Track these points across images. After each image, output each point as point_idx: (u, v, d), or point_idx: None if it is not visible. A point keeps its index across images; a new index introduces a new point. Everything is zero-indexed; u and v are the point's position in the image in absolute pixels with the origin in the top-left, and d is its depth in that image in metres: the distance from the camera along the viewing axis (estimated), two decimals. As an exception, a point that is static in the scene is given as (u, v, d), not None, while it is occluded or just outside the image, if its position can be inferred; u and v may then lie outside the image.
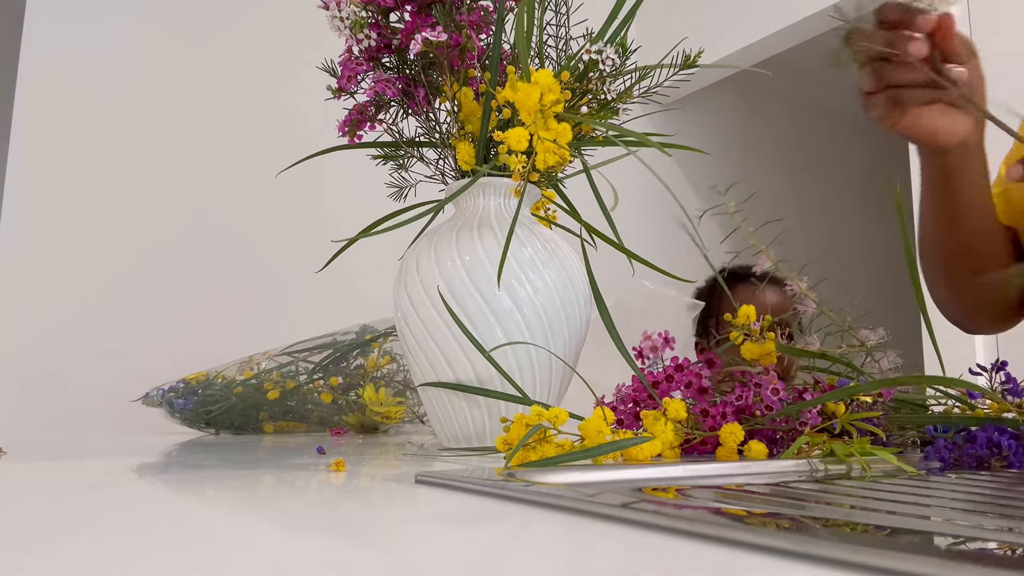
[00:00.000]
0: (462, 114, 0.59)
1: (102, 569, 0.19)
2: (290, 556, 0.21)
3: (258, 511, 0.31)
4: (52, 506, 0.31)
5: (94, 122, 1.50)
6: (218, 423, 0.96)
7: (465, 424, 0.57)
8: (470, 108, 0.59)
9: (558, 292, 0.57)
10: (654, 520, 0.24)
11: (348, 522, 0.28)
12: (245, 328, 1.34)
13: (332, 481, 0.39)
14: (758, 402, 0.47)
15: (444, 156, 0.62)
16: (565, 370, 0.59)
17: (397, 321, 0.60)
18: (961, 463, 0.41)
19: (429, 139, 0.62)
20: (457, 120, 0.59)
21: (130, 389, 1.01)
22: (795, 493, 0.33)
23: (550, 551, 0.23)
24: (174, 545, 0.23)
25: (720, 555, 0.20)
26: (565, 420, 0.40)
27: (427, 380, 0.58)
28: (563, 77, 0.54)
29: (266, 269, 1.55)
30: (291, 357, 0.98)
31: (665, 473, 0.38)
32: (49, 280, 1.43)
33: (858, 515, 0.26)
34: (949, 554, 0.20)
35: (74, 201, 1.47)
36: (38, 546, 0.22)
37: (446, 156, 0.62)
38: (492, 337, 0.55)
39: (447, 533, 0.26)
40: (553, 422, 0.39)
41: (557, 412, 0.40)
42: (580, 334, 0.60)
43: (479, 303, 0.55)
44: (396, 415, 0.94)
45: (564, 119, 0.51)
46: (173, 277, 1.48)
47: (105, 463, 0.53)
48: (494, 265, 0.54)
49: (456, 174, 0.62)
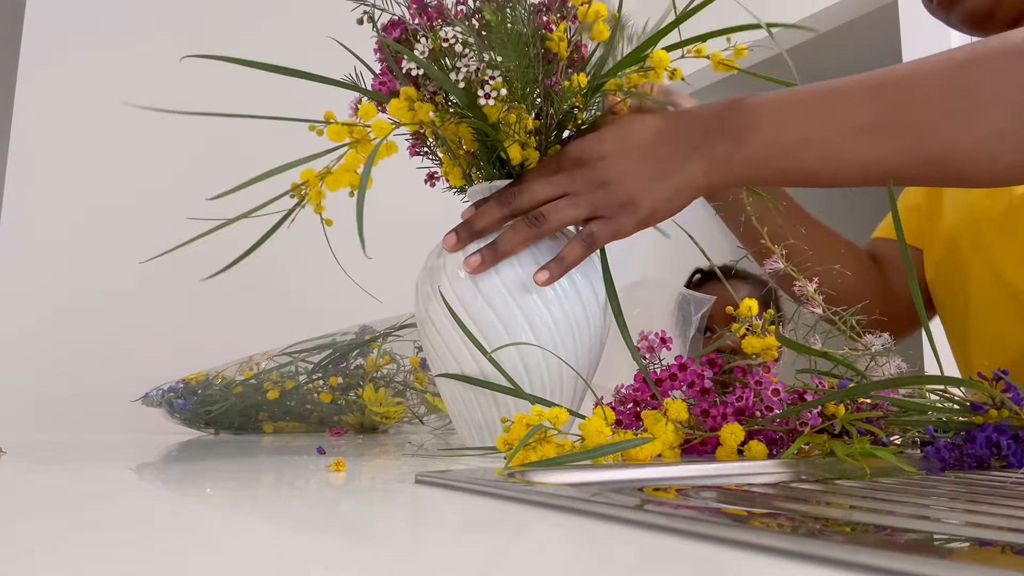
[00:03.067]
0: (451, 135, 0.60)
1: (102, 569, 0.19)
2: (290, 556, 0.21)
3: (258, 511, 0.31)
4: (52, 506, 0.31)
5: (94, 122, 1.50)
6: (218, 423, 0.96)
7: (491, 420, 0.57)
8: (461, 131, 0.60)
9: (576, 302, 0.57)
10: (655, 520, 0.24)
11: (348, 522, 0.28)
12: (245, 328, 1.34)
13: (332, 481, 0.39)
14: (758, 402, 0.47)
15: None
16: (584, 372, 0.58)
17: (418, 315, 0.59)
18: (961, 463, 0.41)
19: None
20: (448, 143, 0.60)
21: (130, 389, 1.01)
22: (795, 493, 0.33)
23: (551, 551, 0.23)
24: (174, 545, 0.23)
25: (721, 555, 0.20)
26: (565, 420, 0.40)
27: (450, 371, 0.57)
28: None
29: (266, 269, 1.55)
30: (291, 357, 0.98)
31: (666, 473, 0.38)
32: (49, 280, 1.43)
33: (858, 515, 0.26)
34: (949, 554, 0.20)
35: (74, 201, 1.47)
36: (38, 546, 0.22)
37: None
38: (502, 339, 0.54)
39: (447, 533, 0.26)
40: (553, 422, 0.39)
41: (557, 412, 0.40)
42: (600, 340, 0.59)
43: (486, 312, 0.55)
44: (395, 415, 0.94)
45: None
46: (173, 277, 1.48)
47: (105, 463, 0.53)
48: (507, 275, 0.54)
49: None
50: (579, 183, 0.53)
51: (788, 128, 0.51)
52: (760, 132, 0.51)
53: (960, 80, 0.48)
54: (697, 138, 0.52)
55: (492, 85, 0.52)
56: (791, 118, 0.51)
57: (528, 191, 0.54)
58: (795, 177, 0.52)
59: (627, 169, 0.53)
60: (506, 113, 0.54)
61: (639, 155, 0.53)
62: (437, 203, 0.76)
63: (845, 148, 0.50)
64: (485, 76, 0.52)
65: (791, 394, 0.47)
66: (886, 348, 0.50)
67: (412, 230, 1.18)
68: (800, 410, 0.44)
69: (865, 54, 3.04)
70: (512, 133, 0.55)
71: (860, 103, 0.50)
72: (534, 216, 0.53)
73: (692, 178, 0.53)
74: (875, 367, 0.50)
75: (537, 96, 0.55)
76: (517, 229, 0.54)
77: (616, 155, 0.53)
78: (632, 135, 0.54)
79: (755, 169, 0.52)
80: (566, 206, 0.53)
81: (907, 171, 0.50)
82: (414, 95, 0.54)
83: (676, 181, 0.53)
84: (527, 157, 0.56)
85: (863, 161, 0.50)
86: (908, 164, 0.50)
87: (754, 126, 0.51)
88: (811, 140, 0.51)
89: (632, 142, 0.53)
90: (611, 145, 0.54)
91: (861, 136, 0.50)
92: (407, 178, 0.74)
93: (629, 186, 0.53)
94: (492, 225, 0.55)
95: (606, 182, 0.53)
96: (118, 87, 1.53)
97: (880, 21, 2.27)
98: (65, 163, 1.48)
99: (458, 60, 0.53)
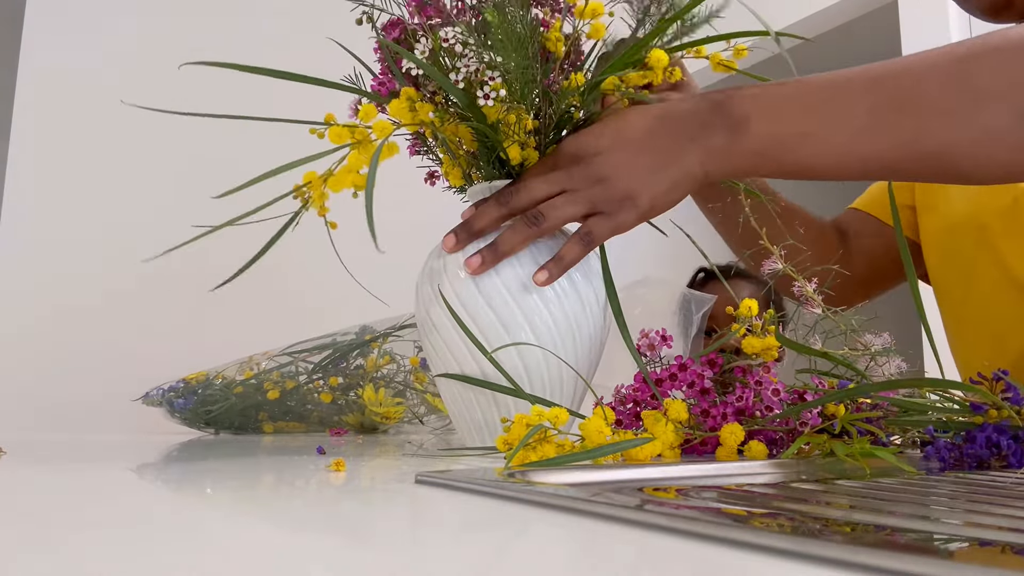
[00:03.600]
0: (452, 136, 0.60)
1: (102, 569, 0.19)
2: (290, 556, 0.21)
3: (258, 511, 0.31)
4: (52, 506, 0.31)
5: (94, 122, 1.50)
6: (218, 423, 0.96)
7: (491, 420, 0.57)
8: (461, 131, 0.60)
9: (575, 300, 0.56)
10: (655, 520, 0.24)
11: (348, 522, 0.28)
12: (245, 328, 1.34)
13: (332, 481, 0.39)
14: (758, 402, 0.47)
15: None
16: (584, 372, 0.58)
17: (419, 316, 0.59)
18: (961, 463, 0.41)
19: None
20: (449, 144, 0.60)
21: (130, 389, 1.01)
22: (795, 493, 0.33)
23: (551, 551, 0.23)
24: (174, 545, 0.23)
25: (721, 555, 0.20)
26: (565, 420, 0.40)
27: (450, 371, 0.57)
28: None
29: (266, 269, 1.55)
30: (291, 357, 0.98)
31: (665, 473, 0.38)
32: (49, 280, 1.43)
33: (858, 515, 0.26)
34: (949, 554, 0.20)
35: (74, 201, 1.47)
36: (38, 546, 0.22)
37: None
38: (502, 340, 0.54)
39: (447, 533, 0.26)
40: (553, 422, 0.39)
41: (557, 412, 0.40)
42: (600, 340, 0.59)
43: (486, 312, 0.55)
44: (395, 415, 0.94)
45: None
46: (173, 277, 1.48)
47: (105, 463, 0.53)
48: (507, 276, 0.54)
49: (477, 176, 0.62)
50: (576, 179, 0.53)
51: (786, 121, 0.51)
52: (758, 124, 0.51)
53: (959, 76, 0.47)
54: (694, 129, 0.52)
55: (492, 86, 0.52)
56: (789, 111, 0.51)
57: (526, 190, 0.54)
58: (792, 170, 0.52)
59: (624, 163, 0.53)
60: (505, 113, 0.54)
61: (635, 148, 0.53)
62: (437, 203, 0.76)
63: (843, 143, 0.50)
64: (485, 77, 0.52)
65: (791, 394, 0.47)
66: (886, 348, 0.50)
67: (412, 231, 1.18)
68: (800, 410, 0.44)
69: (865, 54, 3.04)
70: (512, 134, 0.55)
71: (858, 97, 0.49)
72: (533, 215, 0.53)
73: (690, 169, 0.52)
74: (875, 367, 0.50)
75: (536, 96, 0.55)
76: (516, 228, 0.54)
77: (612, 150, 0.53)
78: (627, 129, 0.53)
79: (753, 161, 0.52)
80: (564, 203, 0.53)
81: (905, 166, 0.50)
82: (415, 95, 0.54)
83: (674, 173, 0.53)
84: (527, 157, 0.56)
85: (861, 156, 0.50)
86: (906, 159, 0.49)
87: (752, 117, 0.51)
88: (809, 134, 0.50)
89: (628, 136, 0.53)
90: (607, 140, 0.53)
91: (859, 131, 0.49)
92: (407, 178, 0.74)
93: (627, 180, 0.53)
94: (491, 225, 0.55)
95: (603, 177, 0.53)
96: (118, 87, 1.53)
97: (880, 21, 2.27)
98: (65, 163, 1.48)
99: (458, 60, 0.53)
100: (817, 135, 0.50)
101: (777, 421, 0.46)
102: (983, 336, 0.77)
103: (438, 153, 0.64)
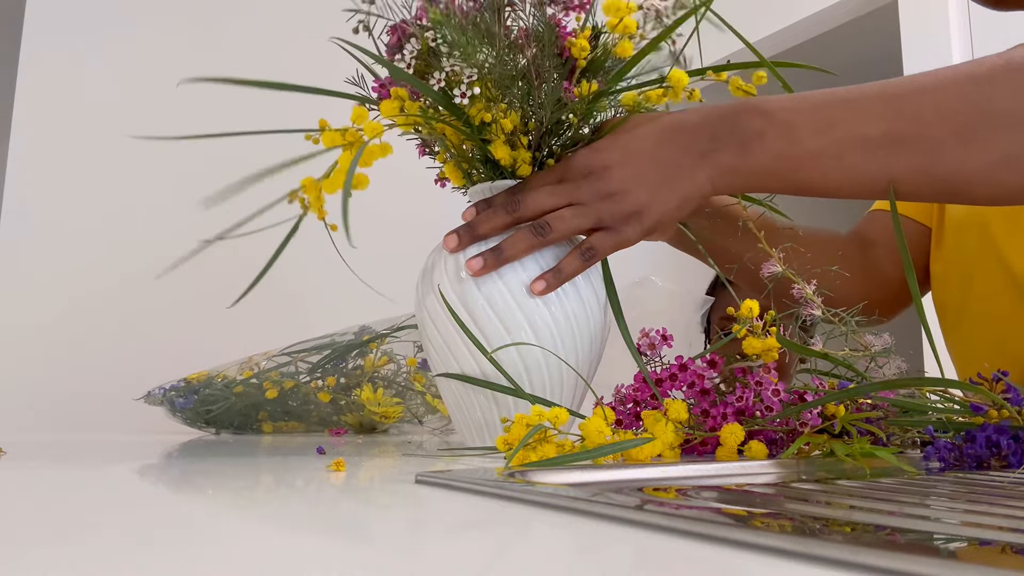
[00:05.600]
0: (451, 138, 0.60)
1: (102, 569, 0.19)
2: (290, 556, 0.21)
3: (258, 511, 0.31)
4: (52, 506, 0.31)
5: (94, 122, 1.50)
6: (218, 422, 0.96)
7: (491, 420, 0.57)
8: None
9: (576, 300, 0.56)
10: (655, 520, 0.24)
11: (348, 522, 0.28)
12: (245, 328, 1.34)
13: (332, 481, 0.39)
14: (758, 403, 0.47)
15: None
16: (584, 372, 0.58)
17: (419, 315, 0.59)
18: (961, 463, 0.41)
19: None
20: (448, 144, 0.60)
21: (130, 389, 1.02)
22: (795, 493, 0.33)
23: (551, 551, 0.23)
24: (174, 545, 0.23)
25: (721, 555, 0.20)
26: (565, 420, 0.40)
27: (449, 371, 0.57)
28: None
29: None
30: (290, 357, 0.98)
31: (665, 473, 0.38)
32: (49, 280, 1.43)
33: (858, 515, 0.26)
34: (949, 554, 0.20)
35: (74, 201, 1.47)
36: (38, 546, 0.22)
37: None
38: (502, 339, 0.54)
39: (447, 533, 0.26)
40: (553, 422, 0.39)
41: (557, 412, 0.40)
42: (600, 340, 0.59)
43: (486, 312, 0.55)
44: (394, 414, 0.94)
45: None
46: (173, 277, 1.48)
47: (105, 463, 0.53)
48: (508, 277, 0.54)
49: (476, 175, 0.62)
50: (585, 193, 0.53)
51: (799, 139, 0.50)
52: (770, 141, 0.50)
53: (975, 99, 0.47)
54: (704, 144, 0.52)
55: (467, 84, 0.52)
56: (802, 129, 0.50)
57: (533, 200, 0.54)
58: (802, 188, 0.52)
59: (634, 178, 0.52)
60: (483, 113, 0.53)
61: (646, 162, 0.52)
62: (437, 203, 0.76)
63: (855, 164, 0.49)
64: (463, 77, 0.52)
65: (791, 394, 0.47)
66: (886, 349, 0.50)
67: (412, 230, 1.18)
68: (800, 410, 0.44)
69: (865, 54, 3.04)
70: (493, 134, 0.54)
71: (874, 119, 0.49)
72: (539, 225, 0.53)
73: (699, 186, 0.52)
74: (875, 368, 0.50)
75: (517, 93, 0.55)
76: (521, 236, 0.53)
77: (622, 164, 0.53)
78: (637, 142, 0.53)
79: (763, 179, 0.51)
80: (572, 216, 0.53)
81: (918, 188, 0.50)
82: (405, 95, 0.54)
83: (683, 189, 0.52)
84: (516, 158, 0.56)
85: (873, 177, 0.50)
86: (920, 183, 0.49)
87: (764, 134, 0.51)
88: (821, 153, 0.50)
89: (637, 149, 0.53)
90: (617, 154, 0.53)
91: (873, 152, 0.49)
92: (407, 178, 0.75)
93: (636, 196, 0.52)
94: (495, 231, 0.55)
95: (612, 192, 0.52)
96: (118, 87, 1.53)
97: (880, 21, 2.27)
98: (65, 163, 1.48)
99: (443, 59, 0.53)
100: (830, 155, 0.50)
101: (777, 421, 0.46)
102: (983, 335, 0.77)
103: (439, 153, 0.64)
